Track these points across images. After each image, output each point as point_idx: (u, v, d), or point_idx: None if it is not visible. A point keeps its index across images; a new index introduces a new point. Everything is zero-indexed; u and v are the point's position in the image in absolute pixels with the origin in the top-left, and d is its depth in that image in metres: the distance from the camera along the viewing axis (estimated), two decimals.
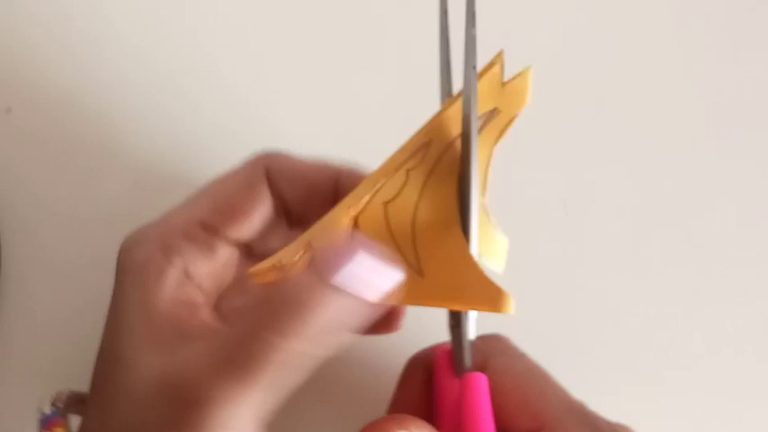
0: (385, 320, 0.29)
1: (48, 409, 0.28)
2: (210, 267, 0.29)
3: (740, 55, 0.41)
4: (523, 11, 0.41)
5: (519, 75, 0.28)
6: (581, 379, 0.37)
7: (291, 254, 0.27)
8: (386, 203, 0.27)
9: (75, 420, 0.29)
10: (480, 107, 0.27)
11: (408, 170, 0.27)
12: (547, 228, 0.38)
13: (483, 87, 0.27)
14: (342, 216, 0.27)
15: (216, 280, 0.30)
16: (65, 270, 0.37)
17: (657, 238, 0.38)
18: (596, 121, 0.40)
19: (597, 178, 0.39)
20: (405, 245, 0.27)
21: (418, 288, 0.27)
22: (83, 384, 0.30)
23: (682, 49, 0.41)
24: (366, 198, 0.27)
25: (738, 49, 0.41)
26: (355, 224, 0.27)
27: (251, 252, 0.31)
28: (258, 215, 0.30)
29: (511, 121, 0.28)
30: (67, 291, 0.37)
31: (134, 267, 0.28)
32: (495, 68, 0.27)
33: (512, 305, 0.26)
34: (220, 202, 0.29)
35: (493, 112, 0.28)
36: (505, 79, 0.28)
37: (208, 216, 0.29)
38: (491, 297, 0.26)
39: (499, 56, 0.28)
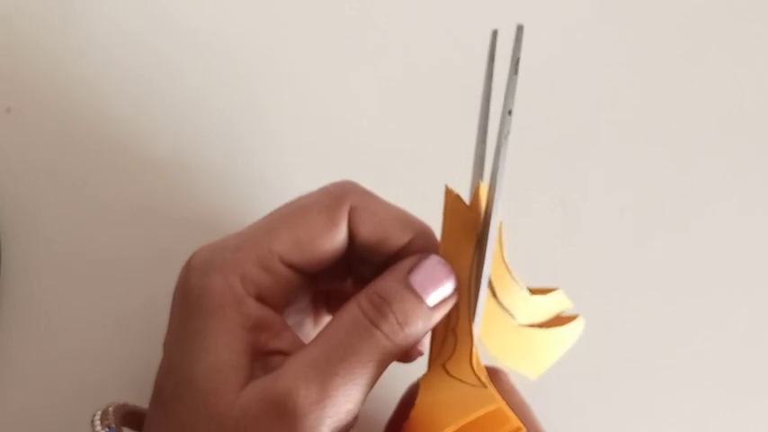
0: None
1: (101, 429, 0.28)
2: (287, 298, 0.29)
3: (741, 54, 0.41)
4: (521, 9, 0.41)
5: (479, 192, 0.29)
6: (579, 378, 0.37)
7: None
8: (444, 366, 0.28)
9: None
10: (465, 239, 0.28)
11: (453, 330, 0.28)
12: (545, 228, 0.38)
13: (454, 224, 0.28)
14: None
15: (292, 309, 0.31)
16: (66, 270, 0.37)
17: (657, 239, 0.38)
18: (595, 121, 0.40)
19: (596, 179, 0.39)
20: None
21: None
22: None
23: (682, 47, 0.41)
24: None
25: (739, 48, 0.41)
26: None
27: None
28: (335, 253, 0.29)
29: (500, 225, 0.29)
30: (69, 290, 0.37)
31: (212, 295, 0.27)
32: (453, 204, 0.28)
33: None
34: (302, 237, 0.29)
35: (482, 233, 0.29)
36: (467, 202, 0.29)
37: (287, 251, 0.28)
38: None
39: (448, 192, 0.29)
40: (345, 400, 0.26)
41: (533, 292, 0.30)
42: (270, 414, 0.25)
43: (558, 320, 0.30)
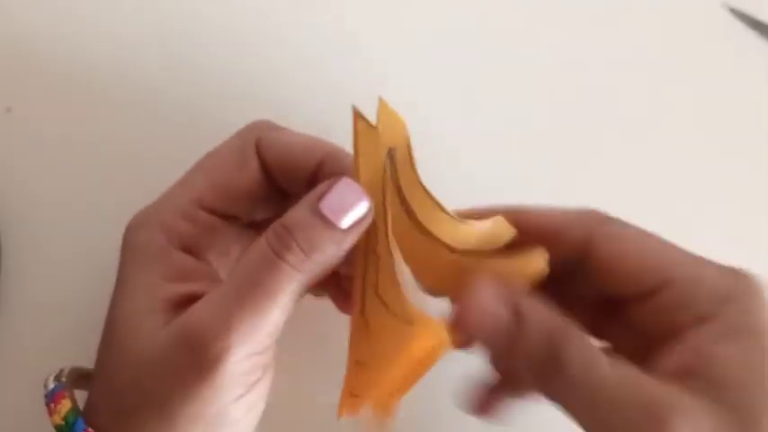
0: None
1: (52, 384, 0.29)
2: (212, 244, 0.31)
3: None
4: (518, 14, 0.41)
5: (381, 110, 0.29)
6: None
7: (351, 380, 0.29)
8: (375, 289, 0.28)
9: (80, 395, 0.29)
10: (377, 160, 0.28)
11: (373, 250, 0.28)
12: None
13: (365, 146, 0.28)
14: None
15: (219, 253, 0.31)
16: (64, 269, 0.37)
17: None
18: (593, 121, 0.40)
19: (592, 176, 0.39)
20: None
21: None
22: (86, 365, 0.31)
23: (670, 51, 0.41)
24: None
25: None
26: (366, 324, 0.28)
27: (250, 220, 0.32)
28: (252, 189, 0.31)
29: (408, 144, 0.29)
30: (68, 290, 0.37)
31: (136, 249, 0.29)
32: (360, 125, 0.28)
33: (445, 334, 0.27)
34: (215, 179, 0.30)
35: (390, 153, 0.28)
36: (373, 122, 0.29)
37: (204, 195, 0.30)
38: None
39: (355, 114, 0.29)
40: (251, 331, 0.26)
41: (468, 216, 0.29)
42: (181, 347, 0.26)
43: (506, 252, 0.29)
